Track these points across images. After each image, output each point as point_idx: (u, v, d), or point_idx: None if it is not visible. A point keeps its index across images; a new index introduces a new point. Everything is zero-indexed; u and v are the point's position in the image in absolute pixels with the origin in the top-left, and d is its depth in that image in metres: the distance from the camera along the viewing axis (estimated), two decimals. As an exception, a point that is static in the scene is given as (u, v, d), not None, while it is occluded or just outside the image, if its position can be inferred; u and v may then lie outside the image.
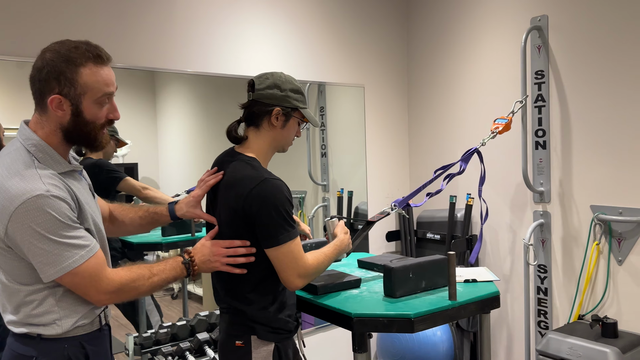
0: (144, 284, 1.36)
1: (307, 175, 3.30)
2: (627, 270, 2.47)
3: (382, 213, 2.00)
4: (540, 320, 2.81)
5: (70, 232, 1.24)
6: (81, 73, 1.26)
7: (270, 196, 1.47)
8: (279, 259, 1.50)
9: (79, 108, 1.28)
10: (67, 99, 1.26)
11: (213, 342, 2.47)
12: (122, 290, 1.33)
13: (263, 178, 1.49)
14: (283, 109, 1.58)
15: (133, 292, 1.35)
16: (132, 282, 1.34)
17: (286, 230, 1.48)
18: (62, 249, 1.23)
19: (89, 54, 1.27)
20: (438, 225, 3.23)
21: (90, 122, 1.31)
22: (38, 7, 2.23)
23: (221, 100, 2.98)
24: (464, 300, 1.63)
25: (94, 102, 1.29)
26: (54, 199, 1.22)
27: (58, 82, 1.25)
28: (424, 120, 3.47)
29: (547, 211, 2.76)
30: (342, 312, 1.56)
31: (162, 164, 2.81)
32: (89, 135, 1.33)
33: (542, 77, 2.72)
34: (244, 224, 1.51)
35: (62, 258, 1.23)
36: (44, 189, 1.21)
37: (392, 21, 3.48)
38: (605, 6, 2.48)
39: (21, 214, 1.19)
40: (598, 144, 2.54)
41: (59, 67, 1.25)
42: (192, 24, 2.66)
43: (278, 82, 1.58)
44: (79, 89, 1.26)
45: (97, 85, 1.28)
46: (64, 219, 1.23)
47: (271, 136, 1.61)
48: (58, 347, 1.30)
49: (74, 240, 1.25)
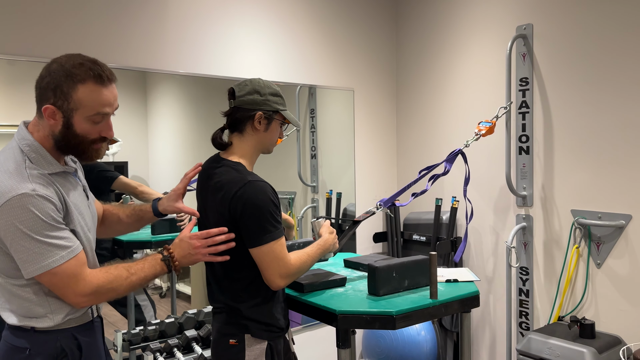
0: (122, 284, 1.37)
1: (296, 177, 3.34)
2: (605, 273, 2.54)
3: (368, 212, 2.05)
4: (521, 321, 2.87)
5: (52, 232, 1.27)
6: (77, 89, 1.29)
7: (254, 197, 1.52)
8: (262, 258, 1.54)
9: (69, 121, 1.31)
10: (60, 110, 1.30)
11: (201, 339, 2.50)
12: (99, 292, 1.34)
13: (247, 181, 1.54)
14: (265, 112, 1.64)
15: (111, 293, 1.37)
16: (109, 284, 1.35)
17: (269, 231, 1.53)
18: (43, 248, 1.26)
19: (90, 72, 1.30)
20: (424, 227, 3.29)
21: (79, 135, 1.33)
22: (30, 7, 2.25)
23: (212, 101, 3.01)
24: (444, 299, 1.68)
25: (85, 118, 1.32)
26: (39, 198, 1.25)
27: (54, 94, 1.30)
28: (412, 124, 3.53)
29: (530, 215, 2.83)
30: (327, 309, 1.61)
31: (152, 163, 2.83)
32: (77, 148, 1.36)
33: (527, 84, 2.79)
34: (229, 226, 1.56)
35: (42, 257, 1.26)
36: (30, 188, 1.25)
37: (381, 27, 3.54)
38: (589, 16, 2.55)
39: (6, 211, 1.23)
40: (579, 151, 2.62)
41: (58, 80, 1.29)
42: (184, 26, 2.69)
43: (257, 88, 1.64)
44: (72, 103, 1.30)
45: (92, 104, 1.31)
46: (47, 219, 1.26)
47: (255, 140, 1.66)
48: (51, 339, 1.33)
49: (56, 241, 1.27)
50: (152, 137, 2.85)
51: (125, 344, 2.39)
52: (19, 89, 2.30)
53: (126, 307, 2.62)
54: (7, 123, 2.28)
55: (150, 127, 2.85)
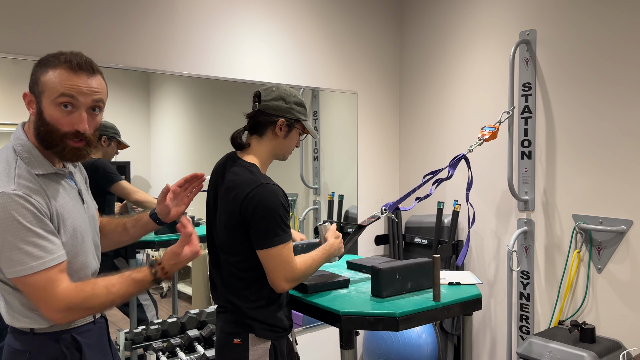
0: (98, 302, 1.32)
1: (299, 178, 3.36)
2: (606, 278, 2.55)
3: (373, 217, 2.06)
4: (522, 325, 2.89)
5: (29, 237, 1.23)
6: (46, 73, 1.28)
7: (265, 200, 1.54)
8: (269, 261, 1.56)
9: (40, 107, 1.29)
10: (33, 96, 1.31)
11: (203, 339, 2.51)
12: (73, 310, 1.28)
13: (260, 183, 1.56)
14: (287, 120, 1.67)
15: (86, 311, 1.33)
16: (83, 303, 1.29)
17: (277, 235, 1.55)
18: (15, 252, 1.22)
19: (62, 58, 1.29)
20: (426, 230, 3.30)
21: (49, 123, 1.29)
22: (35, 6, 2.27)
23: (216, 102, 3.03)
24: (447, 301, 1.69)
25: (51, 102, 1.28)
26: (18, 199, 1.22)
27: (31, 81, 1.32)
28: (414, 127, 3.55)
29: (531, 219, 2.84)
30: (330, 310, 1.62)
31: (154, 164, 2.84)
32: (49, 138, 1.30)
33: (529, 89, 2.81)
34: (239, 226, 1.57)
35: (14, 262, 1.23)
36: (11, 188, 1.22)
37: (385, 31, 3.56)
38: (592, 23, 2.57)
39: None
40: (581, 156, 2.63)
41: (35, 68, 1.32)
42: (190, 28, 2.71)
43: (283, 95, 1.67)
44: (40, 86, 1.29)
45: (56, 86, 1.27)
46: (24, 221, 1.22)
47: (273, 145, 1.69)
48: (49, 341, 1.32)
49: (30, 248, 1.23)
50: (155, 137, 2.86)
51: (127, 343, 2.41)
52: (23, 88, 2.32)
53: (128, 307, 2.63)
54: (11, 122, 2.30)
55: (152, 127, 2.86)
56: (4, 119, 2.28)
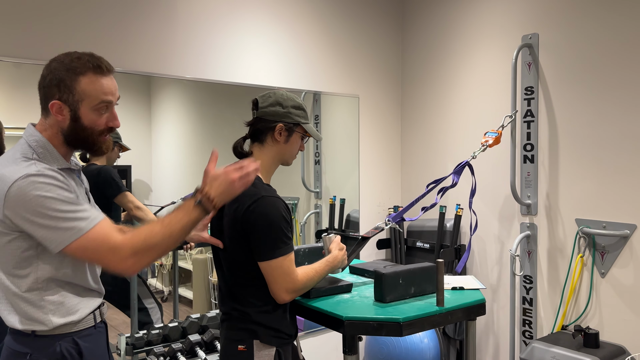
0: (160, 237, 1.33)
1: (300, 182, 3.35)
2: (610, 282, 2.54)
3: (377, 228, 2.05)
4: (525, 330, 2.87)
5: (66, 206, 1.27)
6: (80, 81, 1.33)
7: (266, 213, 1.54)
8: (270, 272, 1.56)
9: (77, 114, 1.34)
10: (66, 104, 1.33)
11: (205, 344, 2.50)
12: (139, 253, 1.31)
13: (260, 196, 1.56)
14: (285, 124, 1.66)
15: (152, 252, 1.33)
16: (145, 242, 1.32)
17: (278, 247, 1.55)
18: (61, 220, 1.26)
19: (89, 64, 1.35)
20: (427, 234, 3.29)
21: (87, 127, 1.36)
22: (36, 10, 2.27)
23: (217, 106, 3.02)
24: (451, 306, 1.68)
25: (91, 109, 1.35)
26: (46, 177, 1.27)
27: (58, 89, 1.33)
28: (416, 131, 3.54)
29: (534, 223, 2.83)
30: (333, 315, 1.61)
31: (155, 167, 2.84)
32: (87, 140, 1.38)
33: (532, 93, 2.80)
34: (240, 238, 1.58)
35: (63, 229, 1.26)
36: (35, 170, 1.27)
37: (387, 34, 3.55)
38: (594, 26, 2.57)
39: (14, 193, 1.24)
40: (584, 159, 2.62)
41: (60, 75, 1.33)
42: (191, 32, 2.71)
43: (280, 100, 1.66)
44: (77, 95, 1.33)
45: (95, 93, 1.35)
46: (58, 196, 1.27)
47: (275, 151, 1.68)
48: (51, 343, 1.33)
49: (73, 214, 1.28)
50: (156, 141, 2.86)
51: (128, 348, 2.39)
52: (24, 92, 2.31)
53: (130, 309, 2.62)
54: (13, 125, 2.29)
55: (154, 131, 2.86)
56: (7, 122, 2.27)
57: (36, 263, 1.31)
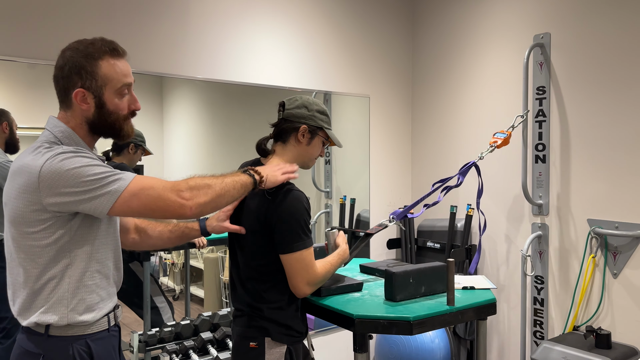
0: (211, 178, 1.37)
1: (310, 182, 3.36)
2: (622, 283, 2.52)
3: (380, 225, 2.07)
4: (535, 330, 2.86)
5: (101, 168, 1.27)
6: (100, 66, 1.33)
7: (290, 205, 1.58)
8: (291, 265, 1.59)
9: (101, 100, 1.34)
10: (89, 91, 1.33)
11: (216, 341, 2.52)
12: (194, 189, 1.32)
13: (286, 189, 1.60)
14: (309, 127, 1.70)
15: (208, 189, 1.34)
16: (199, 180, 1.34)
17: (301, 239, 1.58)
18: (101, 180, 1.25)
19: (105, 48, 1.35)
20: (438, 234, 3.29)
21: (113, 112, 1.36)
22: (50, 11, 2.30)
23: (229, 107, 3.04)
24: (461, 306, 1.68)
25: (114, 92, 1.35)
26: (73, 153, 1.27)
27: (80, 77, 1.32)
28: (427, 132, 3.54)
29: (545, 223, 2.82)
30: (344, 314, 1.62)
31: (167, 167, 2.87)
32: (114, 126, 1.38)
33: (544, 92, 2.79)
34: (263, 230, 1.60)
35: (108, 184, 1.26)
36: (61, 150, 1.27)
37: (398, 34, 3.56)
38: (607, 25, 2.55)
39: (46, 174, 1.23)
40: (596, 160, 2.61)
41: (79, 62, 1.32)
42: (203, 32, 2.73)
43: (306, 103, 1.71)
44: (99, 81, 1.33)
45: (117, 77, 1.35)
46: (89, 162, 1.26)
47: (296, 152, 1.72)
48: (64, 345, 1.31)
49: (110, 172, 1.28)
50: (168, 141, 2.89)
51: (141, 345, 2.42)
52: (39, 92, 2.34)
53: (142, 309, 2.65)
54: (28, 125, 2.33)
55: (165, 131, 2.89)
56: (22, 122, 2.31)
57: (67, 250, 1.31)
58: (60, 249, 1.30)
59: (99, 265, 1.37)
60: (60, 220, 1.29)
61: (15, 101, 2.31)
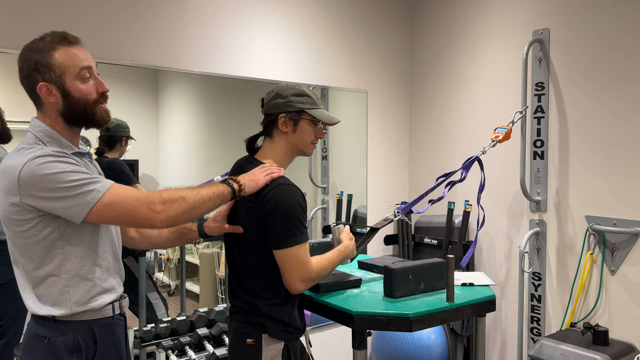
0: (186, 190, 1.39)
1: (307, 177, 3.34)
2: (620, 280, 2.52)
3: (386, 219, 2.04)
4: (533, 327, 2.86)
5: (78, 175, 1.29)
6: (54, 56, 1.34)
7: (282, 201, 1.54)
8: (285, 261, 1.56)
9: (65, 89, 1.36)
10: (51, 83, 1.35)
11: (213, 337, 2.51)
12: (168, 202, 1.35)
13: (277, 183, 1.57)
14: (287, 113, 1.65)
15: (181, 201, 1.37)
16: (173, 192, 1.37)
17: (295, 235, 1.55)
18: (77, 188, 1.28)
19: (55, 39, 1.37)
20: (435, 230, 3.28)
21: (80, 99, 1.37)
22: (44, 3, 2.27)
23: (225, 100, 3.02)
24: (461, 302, 1.67)
25: (75, 78, 1.36)
26: (53, 157, 1.29)
27: (38, 72, 1.35)
28: (425, 127, 3.53)
29: (543, 220, 2.81)
30: (343, 310, 1.61)
31: (163, 162, 2.84)
32: (86, 112, 1.39)
33: (542, 88, 2.78)
34: (256, 226, 1.58)
35: (82, 194, 1.28)
36: (42, 152, 1.29)
37: (396, 29, 3.53)
38: (606, 22, 2.54)
39: (25, 176, 1.26)
40: (595, 156, 2.60)
41: (34, 58, 1.35)
42: (200, 25, 2.70)
43: (279, 92, 1.67)
44: (57, 70, 1.35)
45: (72, 62, 1.36)
46: (67, 168, 1.28)
47: (285, 142, 1.68)
48: (69, 329, 1.36)
49: (86, 180, 1.29)
50: (163, 135, 2.86)
51: (136, 341, 2.40)
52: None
53: (137, 305, 2.63)
54: (20, 119, 2.29)
55: (161, 125, 2.86)
56: (17, 116, 2.28)
57: (60, 247, 1.34)
58: (51, 246, 1.34)
59: (97, 258, 1.40)
60: (46, 218, 1.32)
61: (8, 94, 2.27)
